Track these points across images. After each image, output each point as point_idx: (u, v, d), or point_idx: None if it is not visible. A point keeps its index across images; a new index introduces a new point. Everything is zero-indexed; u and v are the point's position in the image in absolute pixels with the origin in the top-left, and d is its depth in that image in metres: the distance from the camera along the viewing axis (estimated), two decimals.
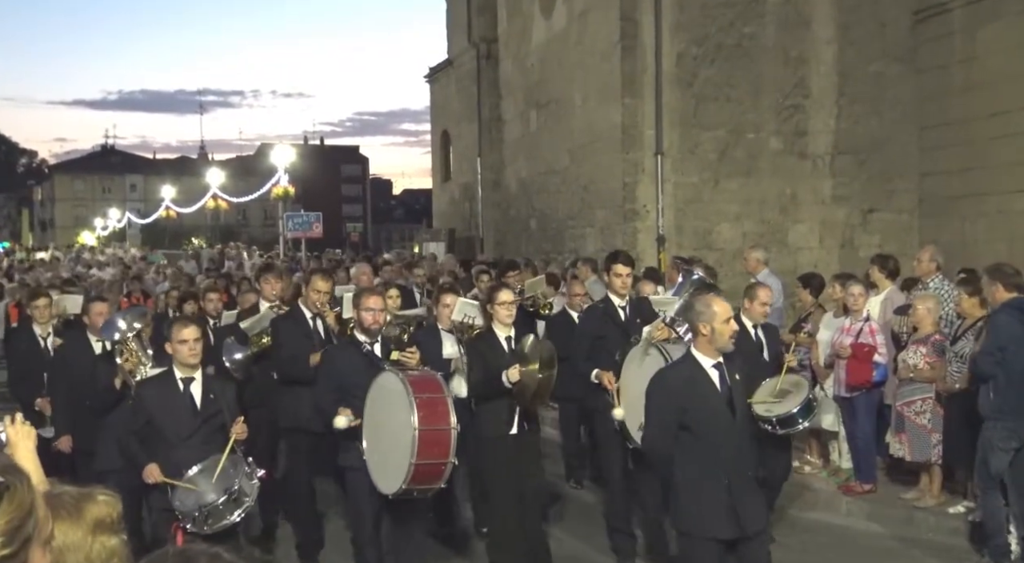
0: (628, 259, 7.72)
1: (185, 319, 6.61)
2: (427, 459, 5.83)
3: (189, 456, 5.85)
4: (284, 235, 30.40)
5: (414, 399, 5.83)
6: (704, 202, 15.95)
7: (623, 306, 7.51)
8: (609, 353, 7.24)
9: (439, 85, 27.75)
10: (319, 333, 7.68)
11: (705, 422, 5.12)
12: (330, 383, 6.44)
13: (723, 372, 5.22)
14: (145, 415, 6.01)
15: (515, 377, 6.57)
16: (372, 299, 6.56)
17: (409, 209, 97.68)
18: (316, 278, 7.92)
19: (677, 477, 5.23)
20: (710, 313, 5.21)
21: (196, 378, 6.09)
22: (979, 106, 14.35)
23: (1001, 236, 13.98)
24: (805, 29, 15.94)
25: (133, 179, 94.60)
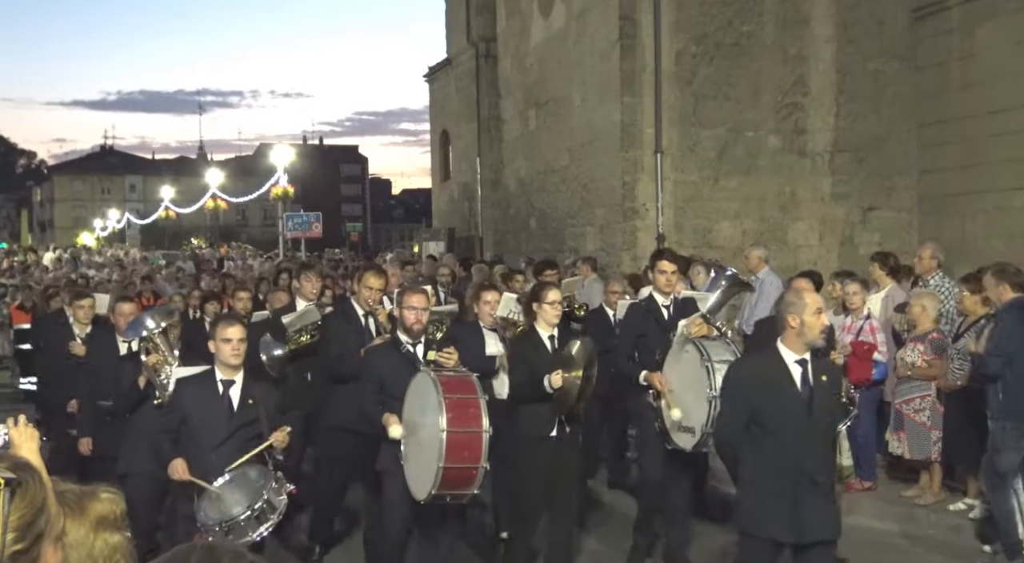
0: (673, 256, 7.53)
1: (231, 316, 6.34)
2: (457, 463, 5.61)
3: (219, 463, 5.57)
4: (284, 235, 30.39)
5: (443, 400, 5.63)
6: (704, 200, 15.96)
7: (667, 305, 7.28)
8: (651, 352, 7.07)
9: (438, 84, 27.76)
10: (370, 331, 7.47)
11: (776, 419, 4.92)
12: (371, 384, 6.25)
13: (807, 369, 4.98)
14: (180, 414, 5.79)
15: (557, 383, 6.38)
16: (415, 297, 6.33)
17: (408, 209, 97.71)
18: (369, 275, 7.65)
19: (743, 473, 5.09)
20: (801, 304, 4.99)
21: (236, 381, 5.83)
22: (978, 103, 14.36)
23: (999, 233, 14.00)
24: (804, 27, 15.95)
25: (132, 180, 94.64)
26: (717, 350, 6.59)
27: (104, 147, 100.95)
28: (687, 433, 6.68)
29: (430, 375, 5.84)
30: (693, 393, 6.58)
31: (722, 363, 6.37)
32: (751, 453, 5.01)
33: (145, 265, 28.28)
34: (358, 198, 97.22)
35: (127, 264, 29.07)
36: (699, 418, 6.50)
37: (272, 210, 59.84)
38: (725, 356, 6.54)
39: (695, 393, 6.55)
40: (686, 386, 6.67)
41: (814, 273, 10.29)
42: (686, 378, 6.68)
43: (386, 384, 6.14)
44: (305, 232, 28.63)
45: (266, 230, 76.38)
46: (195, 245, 57.98)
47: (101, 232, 73.92)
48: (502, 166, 22.50)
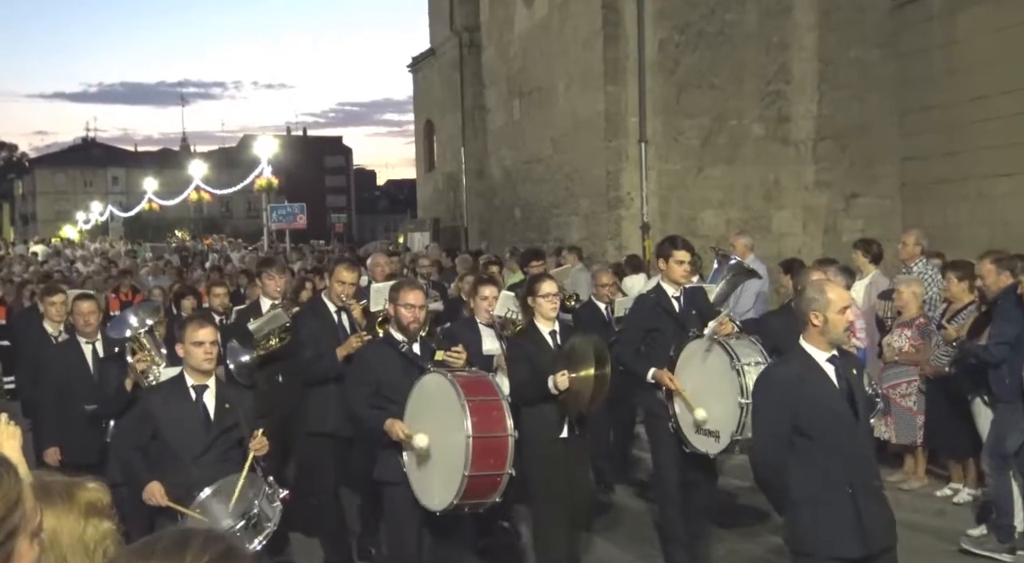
0: (688, 245, 7.03)
1: (201, 317, 5.76)
2: (482, 470, 5.21)
3: (201, 476, 5.12)
4: (268, 227, 30.31)
5: (466, 403, 5.20)
6: (688, 189, 16.01)
7: (677, 296, 6.82)
8: (663, 348, 6.62)
9: (422, 74, 27.69)
10: (344, 328, 7.04)
11: (824, 425, 4.47)
12: (366, 386, 5.77)
13: (839, 366, 4.59)
14: (151, 427, 5.30)
15: (564, 384, 5.95)
16: (412, 294, 5.87)
17: (393, 199, 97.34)
18: (341, 269, 7.20)
19: (794, 492, 4.55)
20: (824, 301, 4.57)
21: (210, 386, 5.37)
22: (960, 90, 14.41)
23: (982, 220, 14.07)
24: (786, 15, 15.99)
25: (115, 172, 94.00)
26: (745, 351, 6.19)
27: (86, 139, 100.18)
28: (710, 437, 6.29)
29: (447, 377, 5.40)
30: (720, 397, 6.19)
31: (752, 366, 6.04)
32: (798, 469, 4.52)
33: (131, 258, 28.13)
34: (342, 189, 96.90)
35: (113, 258, 28.88)
36: (727, 423, 6.13)
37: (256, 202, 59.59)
38: (755, 358, 6.15)
39: (722, 397, 6.16)
40: (711, 389, 6.27)
41: (797, 261, 10.34)
42: (712, 381, 6.26)
43: (383, 386, 5.71)
44: (289, 223, 28.53)
45: (250, 222, 76.06)
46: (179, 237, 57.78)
47: (84, 225, 73.45)
48: (486, 156, 22.49)
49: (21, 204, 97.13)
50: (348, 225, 68.23)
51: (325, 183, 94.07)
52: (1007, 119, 13.47)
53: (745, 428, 5.92)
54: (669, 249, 6.91)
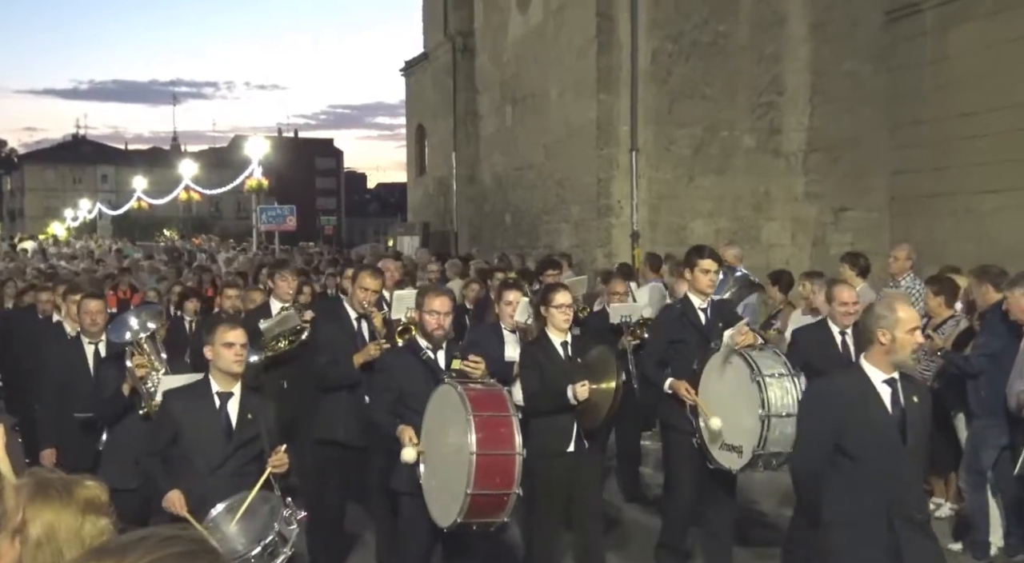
0: (715, 254, 6.83)
1: (233, 319, 5.68)
2: (486, 489, 5.05)
3: (217, 489, 4.93)
4: (257, 228, 30.25)
5: (472, 418, 5.04)
6: (678, 198, 16.04)
7: (704, 308, 6.65)
8: (686, 360, 6.48)
9: (415, 79, 27.69)
10: (363, 336, 6.87)
11: (868, 446, 4.29)
12: (389, 394, 5.64)
13: (896, 390, 4.38)
14: (171, 432, 5.11)
15: (584, 395, 5.81)
16: (438, 300, 5.72)
17: (384, 203, 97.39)
18: (364, 275, 6.97)
19: (827, 512, 4.38)
20: (893, 319, 4.36)
21: (235, 393, 5.18)
22: (949, 106, 14.48)
23: (969, 235, 14.13)
24: (779, 27, 16.05)
25: (104, 169, 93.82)
26: (767, 363, 6.01)
27: (76, 136, 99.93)
28: (732, 452, 6.13)
29: (456, 389, 5.23)
30: (741, 410, 6.02)
31: (774, 378, 5.90)
32: (837, 487, 4.35)
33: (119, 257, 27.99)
34: (333, 191, 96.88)
35: (101, 256, 28.72)
36: (749, 438, 5.96)
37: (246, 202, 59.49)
38: (777, 369, 5.99)
39: (743, 410, 5.99)
40: (732, 402, 6.10)
41: (785, 272, 10.38)
42: (732, 393, 6.10)
43: (404, 394, 5.59)
44: (279, 225, 28.48)
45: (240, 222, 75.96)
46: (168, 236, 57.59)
47: (72, 222, 73.23)
48: (478, 161, 22.50)
49: (9, 200, 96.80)
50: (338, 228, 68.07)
51: (315, 185, 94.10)
52: (996, 136, 13.54)
53: (767, 442, 5.83)
54: (695, 258, 6.72)
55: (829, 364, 6.38)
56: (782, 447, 5.83)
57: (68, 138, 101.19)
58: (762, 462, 6.01)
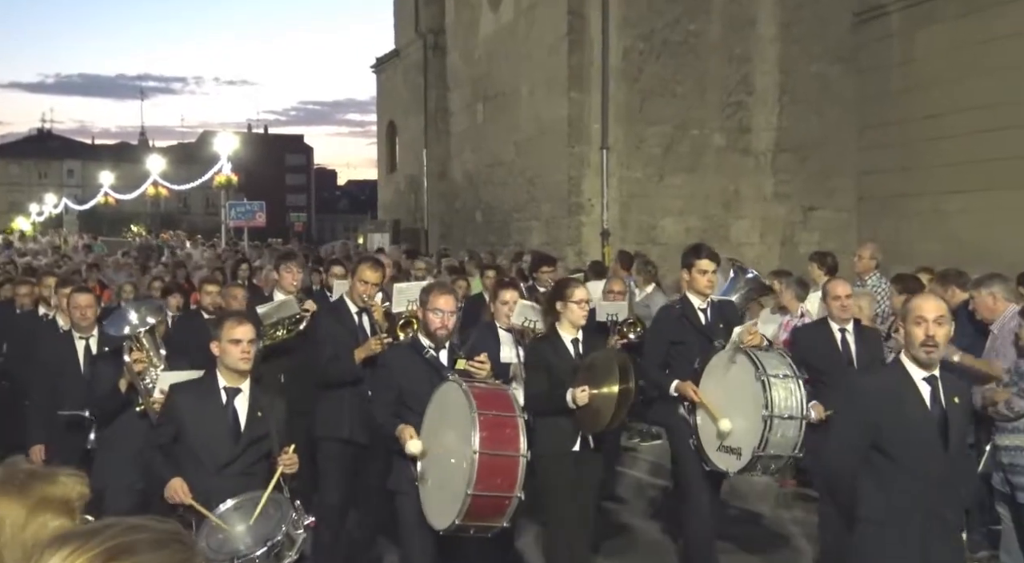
0: (713, 254, 6.60)
1: (240, 314, 5.30)
2: (487, 491, 4.85)
3: (223, 488, 4.72)
4: (226, 224, 29.99)
5: (477, 417, 4.86)
6: (648, 197, 16.10)
7: (704, 308, 6.49)
8: (688, 361, 6.31)
9: (386, 75, 27.61)
10: (363, 330, 6.69)
11: (905, 445, 4.17)
12: (389, 392, 5.46)
13: (937, 388, 4.25)
14: (175, 428, 4.93)
15: (583, 400, 5.61)
16: (443, 299, 5.50)
17: (354, 200, 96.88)
18: (364, 268, 6.79)
19: (861, 509, 4.29)
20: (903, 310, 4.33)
21: (243, 389, 4.99)
22: (916, 107, 14.66)
23: (935, 235, 14.31)
24: (749, 28, 16.15)
25: (71, 164, 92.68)
26: (772, 363, 5.84)
27: (42, 130, 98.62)
28: (731, 454, 5.95)
29: (461, 386, 5.04)
30: (743, 411, 5.87)
31: (779, 378, 5.74)
32: (871, 486, 4.25)
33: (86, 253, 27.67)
34: (303, 188, 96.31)
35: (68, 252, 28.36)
36: (749, 439, 5.78)
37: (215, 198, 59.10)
38: (782, 370, 5.83)
39: (745, 411, 5.84)
40: (734, 402, 5.93)
41: None
42: (735, 393, 5.93)
43: (404, 393, 5.40)
44: (248, 221, 28.25)
45: (208, 218, 75.31)
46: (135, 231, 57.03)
47: (37, 217, 72.29)
48: (449, 158, 22.47)
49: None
50: (308, 224, 67.77)
51: (285, 182, 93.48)
52: (960, 137, 13.73)
53: (768, 445, 5.68)
54: (692, 258, 6.52)
55: (829, 364, 6.30)
56: (782, 450, 5.72)
57: (34, 132, 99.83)
58: (760, 465, 5.85)
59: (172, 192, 63.53)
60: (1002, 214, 13.08)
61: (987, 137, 13.23)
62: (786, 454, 5.77)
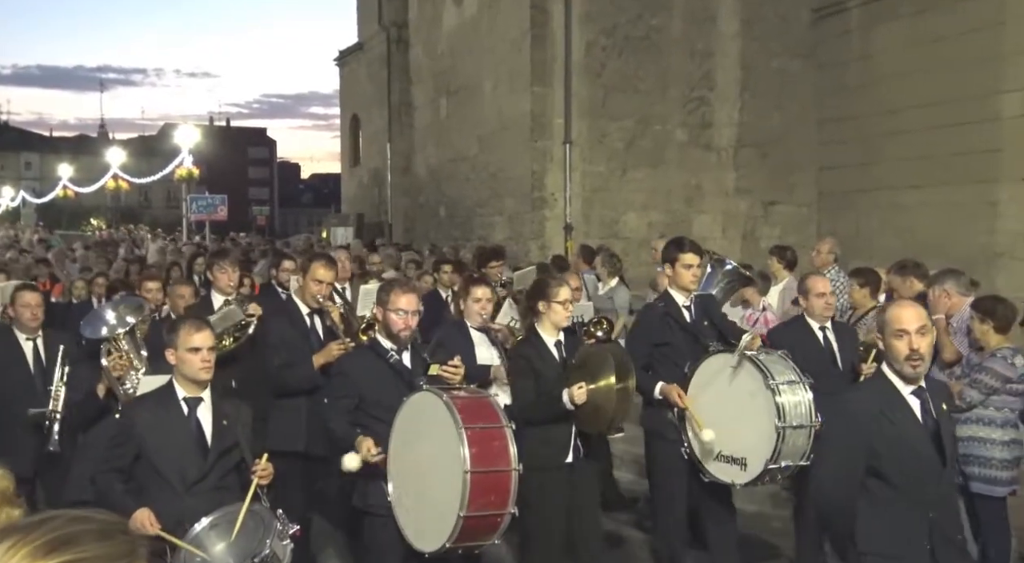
0: (697, 247, 6.23)
1: (198, 320, 4.86)
2: (480, 510, 4.52)
3: (196, 507, 4.35)
4: (187, 217, 29.75)
5: (464, 431, 4.49)
6: (611, 191, 16.17)
7: (688, 305, 6.11)
8: (675, 364, 5.94)
9: (349, 69, 27.49)
10: (317, 333, 6.25)
11: (904, 468, 3.83)
12: (346, 400, 4.98)
13: (925, 400, 3.93)
14: (134, 447, 4.46)
15: (581, 398, 5.23)
16: (404, 298, 5.07)
17: (317, 193, 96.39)
18: (317, 265, 6.30)
19: (861, 542, 3.90)
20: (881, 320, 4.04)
21: (204, 398, 4.59)
22: (874, 103, 14.84)
23: (893, 229, 14.50)
24: (711, 23, 16.25)
25: (28, 157, 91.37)
26: (778, 369, 5.51)
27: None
28: (734, 465, 5.62)
29: (442, 398, 4.65)
30: (750, 420, 5.51)
31: (786, 385, 5.44)
32: (869, 516, 3.89)
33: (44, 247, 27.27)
34: (266, 181, 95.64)
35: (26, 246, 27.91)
36: (759, 450, 5.45)
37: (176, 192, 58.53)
38: (788, 376, 5.50)
39: (754, 420, 5.49)
40: (740, 411, 5.57)
41: None
42: (741, 402, 5.57)
43: (366, 402, 4.96)
44: (210, 215, 28.06)
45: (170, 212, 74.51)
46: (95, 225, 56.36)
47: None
48: (412, 153, 22.44)
49: None
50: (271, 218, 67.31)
51: (248, 175, 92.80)
52: (917, 132, 13.92)
53: (780, 455, 5.38)
54: (675, 252, 6.13)
55: (811, 365, 5.88)
56: (791, 460, 5.48)
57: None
58: (769, 476, 5.55)
59: (133, 185, 62.79)
60: (958, 208, 13.29)
61: (944, 132, 13.43)
62: (795, 463, 5.49)
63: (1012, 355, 6.17)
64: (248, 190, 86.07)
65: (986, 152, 12.85)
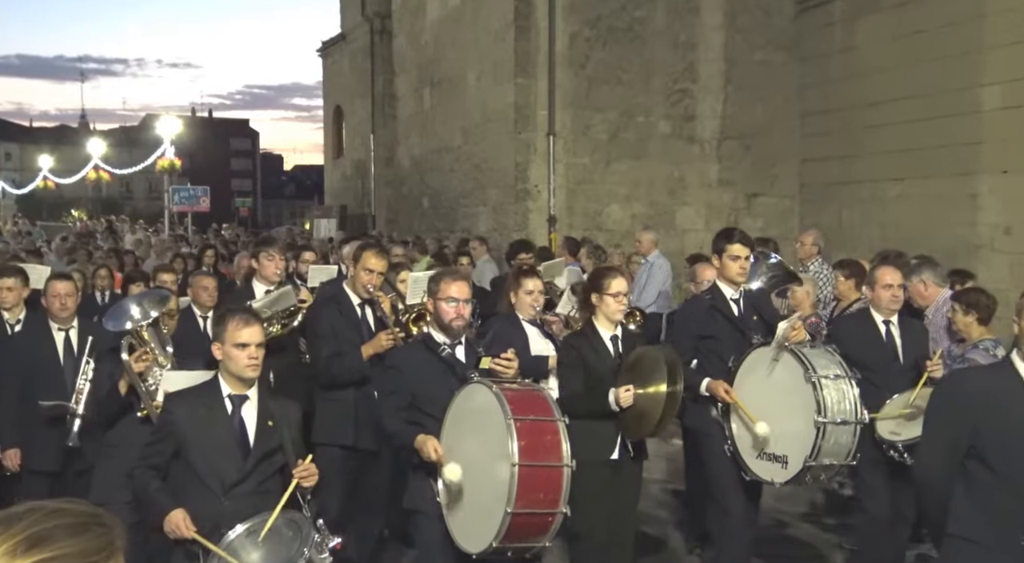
0: (746, 237, 5.98)
1: (247, 313, 4.53)
2: (529, 507, 4.33)
3: (234, 512, 4.12)
4: (170, 209, 29.62)
5: (513, 423, 4.32)
6: (595, 183, 16.18)
7: (736, 298, 5.90)
8: (719, 358, 5.75)
9: (332, 60, 27.38)
10: (368, 324, 6.09)
11: (1009, 454, 3.61)
12: (398, 397, 4.83)
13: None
14: (173, 443, 4.25)
15: (627, 401, 5.12)
16: (455, 286, 4.87)
17: (300, 185, 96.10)
18: (368, 255, 6.10)
19: (952, 525, 3.76)
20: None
21: (250, 396, 4.34)
22: (856, 95, 14.89)
23: (874, 221, 14.58)
24: (694, 15, 16.26)
25: (8, 147, 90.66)
26: (821, 362, 5.34)
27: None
28: (775, 462, 5.43)
29: (491, 388, 4.49)
30: (790, 415, 5.34)
31: (830, 379, 5.26)
32: (965, 500, 3.73)
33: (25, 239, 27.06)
34: (248, 173, 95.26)
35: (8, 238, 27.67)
36: (797, 446, 5.28)
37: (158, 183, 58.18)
38: (833, 370, 5.33)
39: (793, 415, 5.31)
40: (779, 406, 5.40)
41: (702, 257, 10.56)
42: (780, 396, 5.41)
43: (418, 398, 4.79)
44: (192, 206, 27.97)
45: (152, 203, 74.17)
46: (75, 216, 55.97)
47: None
48: (396, 144, 22.39)
49: None
50: (253, 210, 67.05)
51: (231, 166, 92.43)
52: (899, 125, 13.98)
53: (821, 453, 5.21)
54: (723, 243, 5.91)
55: (872, 359, 5.79)
56: (835, 458, 5.28)
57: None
58: (810, 475, 5.36)
59: (114, 176, 62.54)
60: (939, 201, 13.36)
61: (925, 125, 13.49)
62: (839, 462, 5.30)
63: (994, 347, 6.23)
64: (231, 181, 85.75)
65: (967, 145, 12.92)
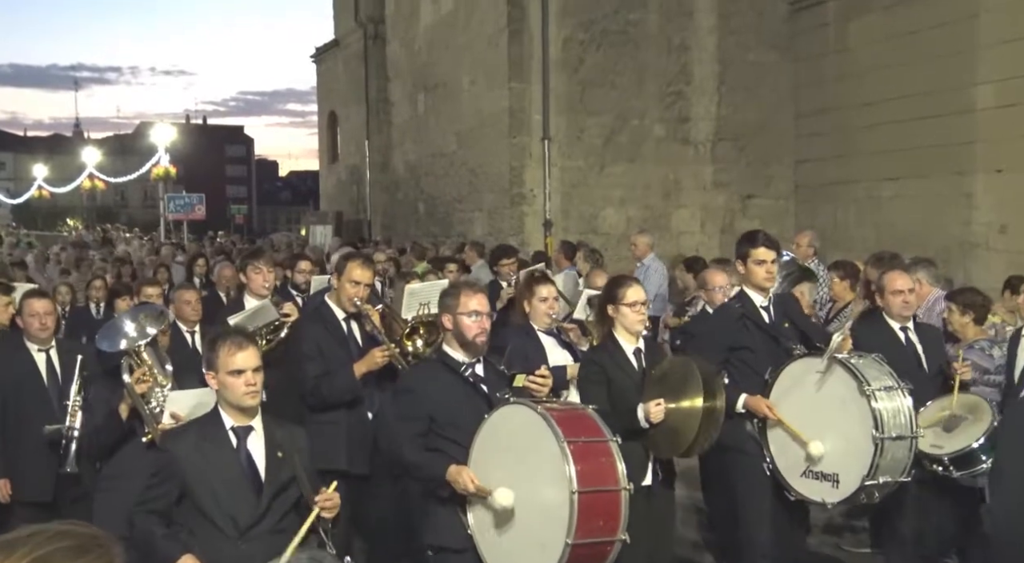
0: (771, 240, 5.55)
1: (243, 336, 4.12)
2: (590, 536, 3.97)
3: (252, 554, 3.71)
4: (165, 217, 29.63)
5: (567, 445, 3.96)
6: (590, 187, 16.19)
7: (765, 305, 5.50)
8: (753, 371, 5.35)
9: (326, 65, 27.39)
10: (355, 339, 5.69)
11: None
12: (416, 423, 4.35)
13: None
14: (177, 486, 3.82)
15: (658, 416, 4.74)
16: (476, 299, 4.46)
17: (296, 191, 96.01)
18: (353, 266, 5.68)
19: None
20: None
21: (255, 427, 3.93)
22: (850, 95, 14.91)
23: (869, 221, 14.59)
24: (688, 18, 16.28)
25: (2, 157, 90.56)
26: (873, 374, 4.97)
27: None
28: (824, 481, 5.05)
29: (537, 410, 4.12)
30: (841, 431, 5.00)
31: (883, 391, 4.91)
32: None
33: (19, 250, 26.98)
34: (243, 179, 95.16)
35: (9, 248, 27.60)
36: (851, 464, 4.93)
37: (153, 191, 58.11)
38: (885, 382, 4.97)
39: (845, 431, 4.98)
40: (829, 421, 5.05)
41: (698, 259, 10.56)
42: (829, 411, 5.05)
43: (439, 423, 4.33)
44: (188, 214, 27.97)
45: (147, 211, 74.11)
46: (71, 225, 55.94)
47: None
48: (391, 149, 22.39)
49: None
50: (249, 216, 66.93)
51: (225, 173, 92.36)
52: (893, 125, 14.00)
53: (879, 470, 4.86)
54: (747, 247, 5.50)
55: (897, 369, 5.27)
56: (891, 475, 4.95)
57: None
58: (865, 494, 4.99)
59: (109, 185, 62.52)
60: (934, 200, 13.38)
61: (919, 124, 13.50)
62: (894, 479, 4.98)
63: (990, 347, 6.23)
64: (226, 188, 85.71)
65: (961, 144, 12.94)
